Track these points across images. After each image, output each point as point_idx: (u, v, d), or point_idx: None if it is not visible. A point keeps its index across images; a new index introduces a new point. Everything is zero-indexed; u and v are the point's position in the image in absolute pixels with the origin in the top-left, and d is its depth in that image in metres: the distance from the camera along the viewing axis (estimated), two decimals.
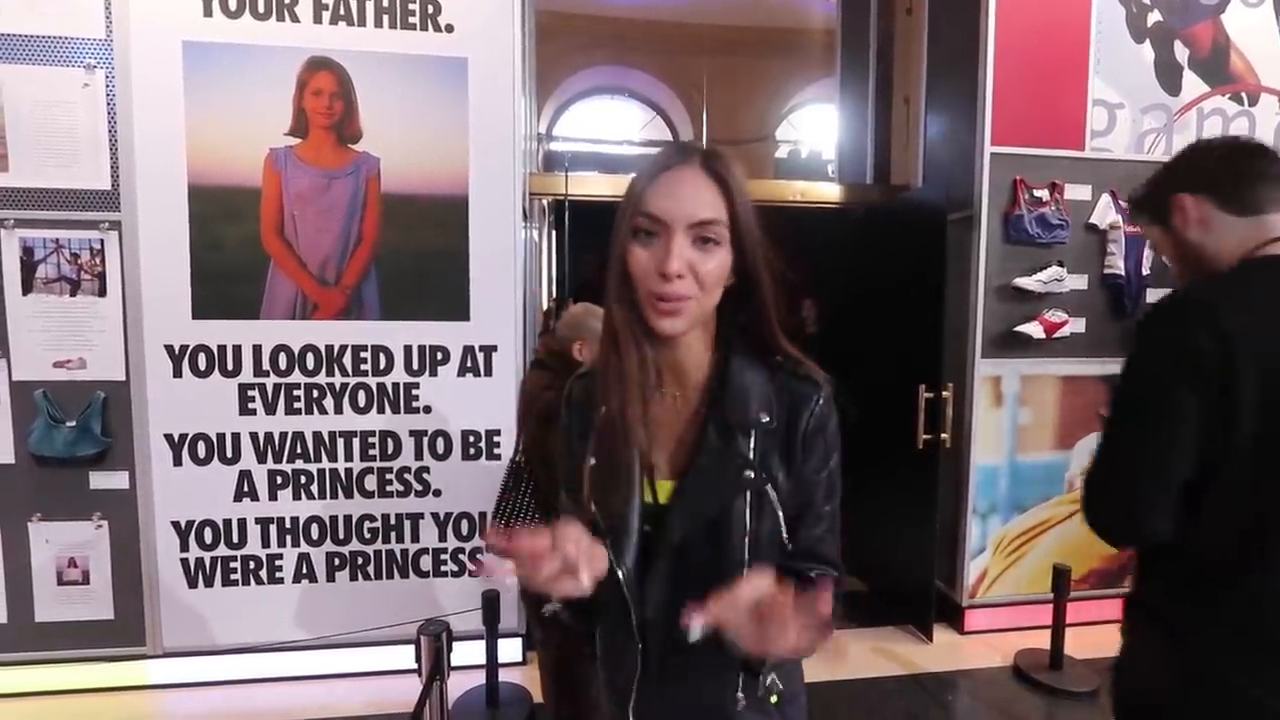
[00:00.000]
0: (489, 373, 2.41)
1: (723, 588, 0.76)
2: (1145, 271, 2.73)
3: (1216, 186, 1.01)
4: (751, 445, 0.77)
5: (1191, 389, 0.89)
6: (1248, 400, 0.87)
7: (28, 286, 2.19)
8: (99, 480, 2.26)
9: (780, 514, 0.78)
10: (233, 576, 2.35)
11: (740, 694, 0.79)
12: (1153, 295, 2.77)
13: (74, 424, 2.21)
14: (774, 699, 0.82)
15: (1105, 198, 2.71)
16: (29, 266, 2.19)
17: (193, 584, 2.34)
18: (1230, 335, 0.88)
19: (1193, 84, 2.77)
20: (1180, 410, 0.90)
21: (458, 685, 2.28)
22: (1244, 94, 2.83)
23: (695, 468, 0.78)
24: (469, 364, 2.41)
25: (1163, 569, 0.99)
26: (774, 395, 0.78)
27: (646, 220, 0.71)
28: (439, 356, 2.39)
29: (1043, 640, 2.56)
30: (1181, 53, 2.76)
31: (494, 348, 2.41)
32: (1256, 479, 0.89)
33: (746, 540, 0.77)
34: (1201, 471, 0.90)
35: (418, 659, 1.45)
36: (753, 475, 0.77)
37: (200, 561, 2.33)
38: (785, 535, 0.79)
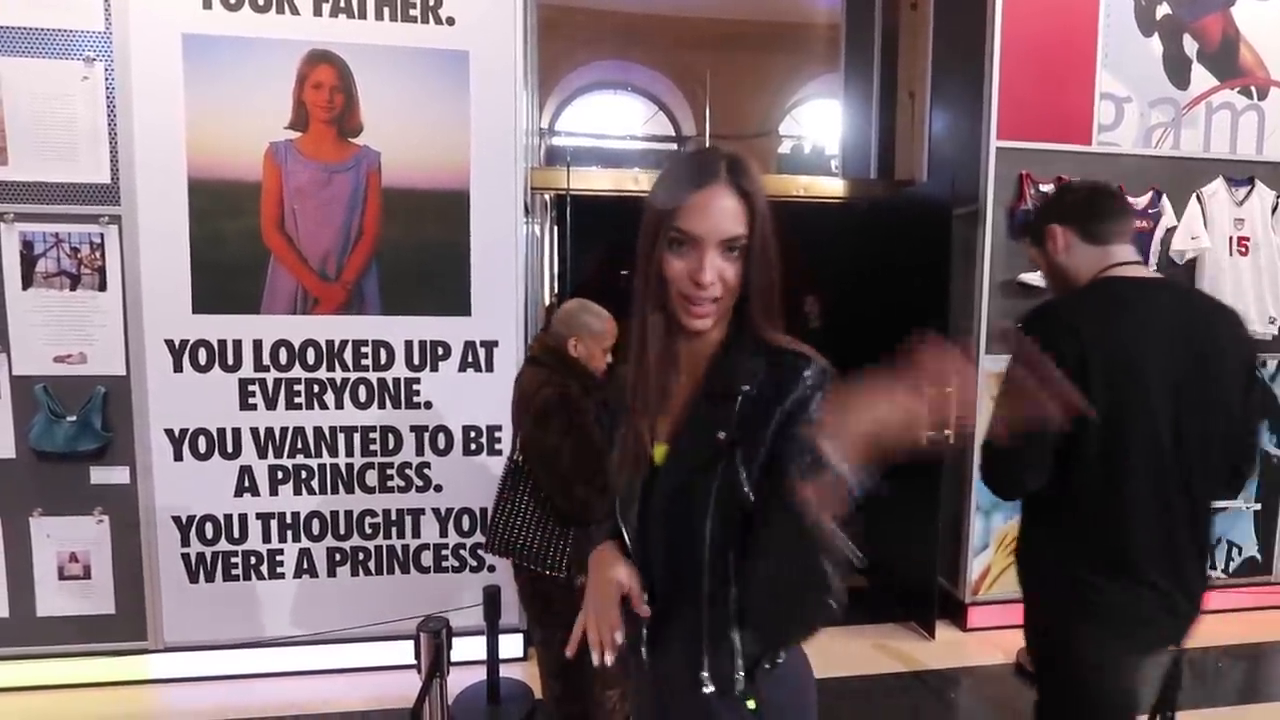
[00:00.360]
0: (490, 368, 2.40)
1: (688, 549, 0.82)
2: (1153, 268, 2.71)
3: (1078, 221, 1.30)
4: (735, 411, 0.81)
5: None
6: (1096, 387, 1.17)
7: (28, 281, 2.19)
8: (100, 475, 2.26)
9: (743, 473, 0.79)
10: (234, 572, 2.35)
11: (705, 673, 0.83)
12: None
13: (74, 419, 2.21)
14: (751, 704, 0.84)
15: None
16: (29, 261, 2.18)
17: (194, 579, 2.33)
18: (1085, 340, 1.18)
19: (1202, 77, 2.74)
20: None
21: (459, 681, 2.28)
22: (1253, 87, 2.80)
23: (684, 431, 0.85)
24: (470, 359, 2.40)
25: (1042, 519, 1.31)
26: (765, 371, 0.82)
27: (681, 235, 0.79)
28: (440, 352, 2.38)
29: None
30: (1190, 46, 2.72)
31: (495, 343, 2.40)
32: (1105, 444, 1.19)
33: (711, 499, 0.80)
34: (1067, 440, 1.18)
35: (417, 656, 1.45)
36: (724, 435, 0.80)
37: (201, 556, 2.33)
38: (747, 489, 0.79)
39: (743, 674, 0.83)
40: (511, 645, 2.46)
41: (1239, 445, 1.27)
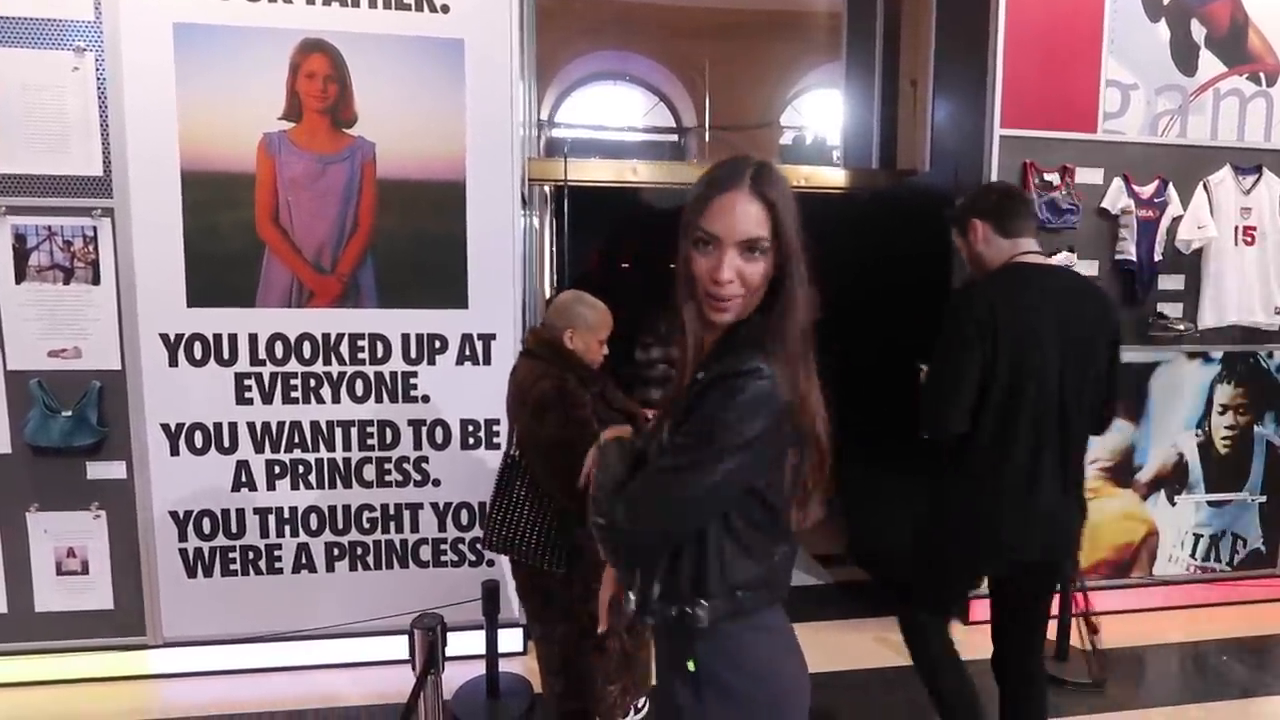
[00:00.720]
0: (488, 361, 2.38)
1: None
2: (1158, 257, 2.67)
3: (994, 216, 1.63)
4: (686, 394, 0.89)
5: (976, 342, 1.51)
6: (1002, 351, 1.51)
7: (20, 275, 2.17)
8: (96, 470, 2.25)
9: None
10: (232, 567, 2.34)
11: (631, 592, 0.95)
12: (1165, 281, 2.72)
13: (70, 414, 2.19)
14: (690, 665, 0.93)
15: (1117, 182, 2.65)
16: (21, 254, 2.16)
17: (192, 574, 2.32)
18: (996, 313, 1.51)
19: (1209, 63, 2.70)
20: (970, 355, 1.52)
21: (459, 675, 2.27)
22: (1262, 74, 2.75)
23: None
24: (467, 352, 2.38)
25: (957, 459, 1.60)
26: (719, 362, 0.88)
27: (704, 235, 0.87)
28: (437, 345, 2.36)
29: (1049, 630, 2.53)
30: (1198, 31, 2.68)
31: (493, 336, 2.38)
32: (1006, 392, 1.52)
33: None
34: (980, 392, 1.53)
35: (411, 653, 1.43)
36: (660, 422, 0.92)
37: (199, 552, 2.32)
38: None
39: (656, 591, 0.92)
40: (511, 640, 2.45)
41: (1104, 399, 1.61)
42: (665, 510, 0.86)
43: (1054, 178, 2.61)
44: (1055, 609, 2.47)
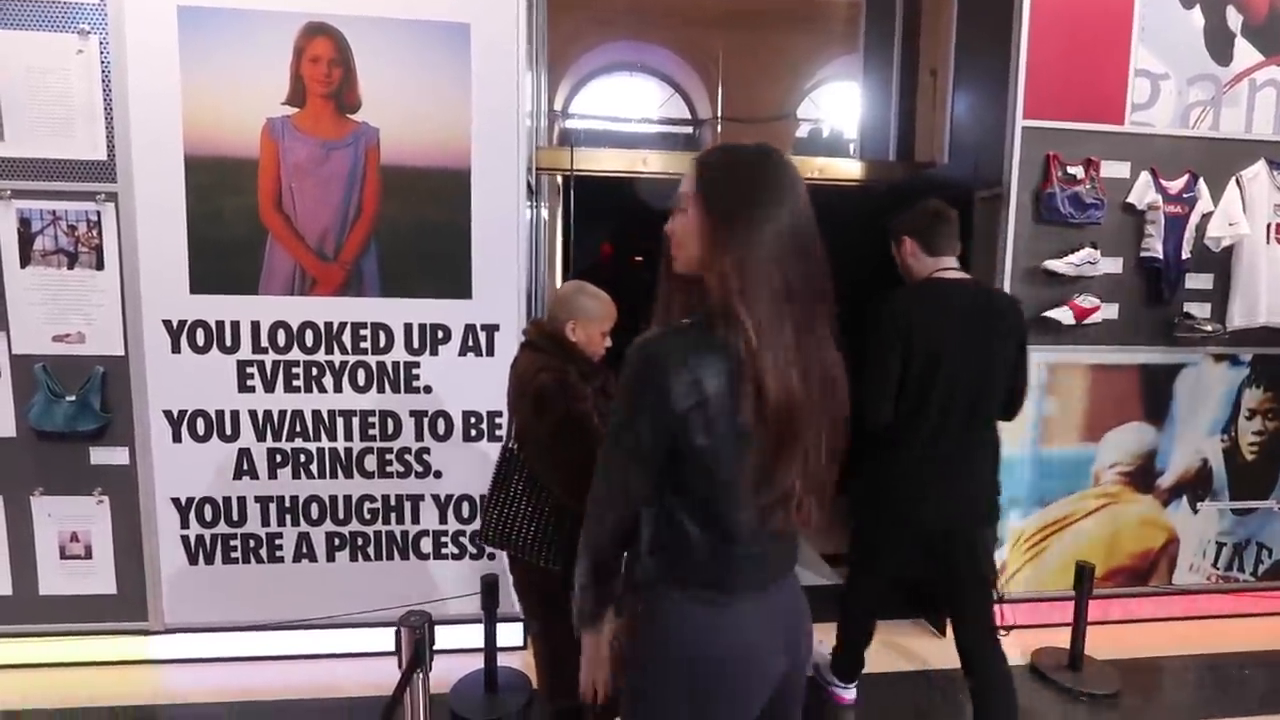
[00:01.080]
0: (491, 352, 2.35)
1: None
2: (1185, 255, 2.57)
3: (920, 235, 1.88)
4: None
5: (898, 343, 1.77)
6: (916, 353, 1.76)
7: (25, 259, 2.16)
8: (99, 455, 2.25)
9: None
10: (233, 554, 2.33)
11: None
12: (1193, 280, 2.62)
13: (74, 399, 2.19)
14: (630, 618, 1.04)
15: (1145, 175, 2.55)
16: (26, 238, 2.16)
17: (193, 561, 2.32)
18: (912, 319, 1.78)
19: (1245, 52, 2.58)
20: (893, 354, 1.77)
21: (457, 668, 2.25)
22: None
23: None
24: (470, 343, 2.34)
25: (882, 441, 1.83)
26: None
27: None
28: (440, 335, 2.33)
29: (1062, 639, 2.47)
30: (1234, 18, 2.56)
31: (496, 327, 2.34)
32: (918, 386, 1.77)
33: None
34: (899, 387, 1.78)
35: (397, 650, 1.41)
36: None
37: (201, 539, 2.32)
38: None
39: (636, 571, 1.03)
40: (511, 634, 2.42)
41: (1009, 392, 1.83)
42: (597, 472, 1.01)
43: (1078, 171, 2.51)
44: (1070, 616, 2.42)
